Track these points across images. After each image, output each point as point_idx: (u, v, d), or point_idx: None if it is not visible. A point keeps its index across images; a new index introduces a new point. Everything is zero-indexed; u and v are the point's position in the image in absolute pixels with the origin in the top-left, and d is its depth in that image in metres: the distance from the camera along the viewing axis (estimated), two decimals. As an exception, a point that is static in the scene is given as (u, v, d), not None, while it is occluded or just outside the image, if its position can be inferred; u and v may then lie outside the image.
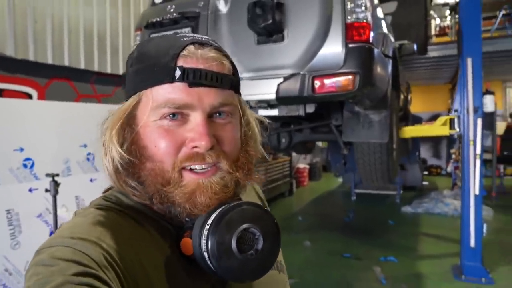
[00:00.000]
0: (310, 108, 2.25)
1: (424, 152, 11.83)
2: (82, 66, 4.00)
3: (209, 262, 0.53)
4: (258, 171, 0.66)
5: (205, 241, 0.53)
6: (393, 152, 2.67)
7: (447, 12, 9.73)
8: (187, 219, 0.59)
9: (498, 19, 7.48)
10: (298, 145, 5.34)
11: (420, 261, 4.47)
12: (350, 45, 1.99)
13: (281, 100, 2.15)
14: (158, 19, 2.50)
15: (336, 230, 5.99)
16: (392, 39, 2.75)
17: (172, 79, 0.55)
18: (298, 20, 2.11)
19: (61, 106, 3.61)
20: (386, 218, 6.45)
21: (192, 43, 0.58)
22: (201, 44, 0.59)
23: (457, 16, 7.38)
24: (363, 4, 2.02)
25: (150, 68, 0.57)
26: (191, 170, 0.57)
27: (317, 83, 1.99)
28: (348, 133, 2.46)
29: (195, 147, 0.56)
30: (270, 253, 0.56)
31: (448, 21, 9.63)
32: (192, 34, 0.60)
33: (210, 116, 0.58)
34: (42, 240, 0.54)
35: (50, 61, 3.69)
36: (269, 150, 7.93)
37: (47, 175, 2.72)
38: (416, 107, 10.97)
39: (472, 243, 3.81)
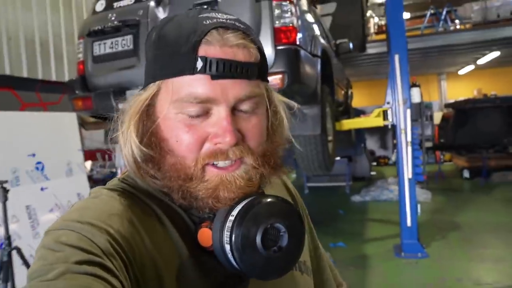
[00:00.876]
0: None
1: (372, 144, 12.50)
2: (25, 74, 3.95)
3: (230, 255, 0.51)
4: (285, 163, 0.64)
5: (228, 233, 0.51)
6: (328, 144, 2.94)
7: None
8: (207, 211, 0.57)
9: (427, 18, 8.12)
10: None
11: (366, 244, 4.84)
12: (278, 47, 2.20)
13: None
14: (99, 27, 2.59)
15: (290, 222, 6.27)
16: (322, 40, 3.01)
17: (193, 71, 0.52)
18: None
19: (5, 115, 3.57)
20: (336, 208, 6.82)
21: (216, 27, 0.53)
22: (226, 28, 0.54)
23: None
24: (289, 10, 2.25)
25: (169, 56, 0.54)
26: (214, 165, 0.55)
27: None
28: (285, 127, 2.68)
29: (218, 143, 0.53)
30: (294, 251, 0.54)
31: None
32: (216, 15, 0.55)
33: (234, 109, 0.55)
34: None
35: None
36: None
37: (-5, 182, 2.72)
38: (361, 101, 11.59)
39: (409, 222, 4.20)
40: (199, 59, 0.51)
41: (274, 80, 2.13)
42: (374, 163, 11.70)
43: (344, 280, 0.91)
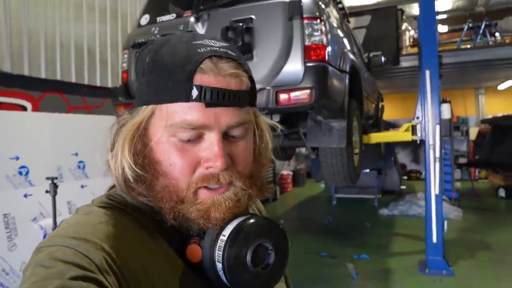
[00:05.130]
0: (276, 118, 2.59)
1: (404, 157, 12.28)
2: (73, 79, 4.28)
3: (221, 273, 0.53)
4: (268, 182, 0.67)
5: (220, 252, 0.53)
6: (353, 156, 3.02)
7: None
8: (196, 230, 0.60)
9: (464, 32, 7.99)
10: (278, 151, 5.68)
11: (390, 258, 4.82)
12: (308, 64, 2.34)
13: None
14: (143, 40, 2.81)
15: (315, 232, 6.32)
16: (351, 55, 3.11)
17: (188, 98, 0.54)
18: (265, 42, 2.45)
19: (54, 117, 3.89)
20: (363, 220, 6.80)
21: (210, 56, 0.55)
22: (219, 57, 0.56)
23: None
24: (319, 29, 2.38)
25: (164, 82, 0.55)
26: (205, 187, 0.57)
27: (281, 97, 2.33)
28: (312, 139, 2.81)
29: (210, 167, 0.56)
30: (279, 267, 0.57)
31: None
32: (209, 42, 0.57)
33: (225, 134, 0.57)
34: (36, 242, 0.55)
35: (43, 75, 3.97)
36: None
37: (47, 178, 3.02)
38: (394, 114, 11.45)
39: (434, 238, 4.18)
40: (194, 88, 0.53)
41: (302, 95, 2.26)
42: (405, 177, 11.50)
43: None
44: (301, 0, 2.39)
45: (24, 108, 3.85)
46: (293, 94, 2.29)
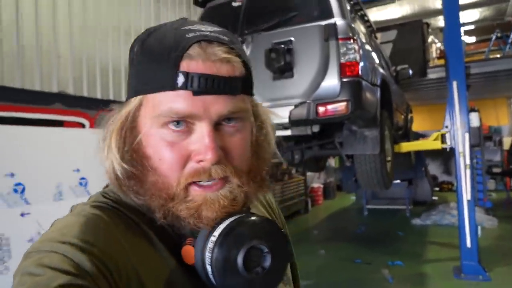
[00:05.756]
0: (316, 128, 2.87)
1: (435, 169, 12.20)
2: (123, 98, 4.74)
3: (211, 276, 0.50)
4: (271, 180, 0.63)
5: (209, 254, 0.50)
6: (386, 163, 3.25)
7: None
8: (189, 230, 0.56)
9: (492, 42, 8.06)
10: (310, 164, 5.94)
11: (425, 264, 4.93)
12: (344, 79, 2.63)
13: (293, 122, 2.78)
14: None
15: (348, 241, 6.47)
16: (381, 70, 3.37)
17: (174, 86, 0.51)
18: (304, 61, 2.76)
19: (50, 131, 4.17)
20: (395, 229, 6.89)
21: (198, 41, 0.52)
22: (209, 41, 0.52)
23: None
24: (353, 48, 2.67)
25: (151, 70, 0.52)
26: (197, 184, 0.54)
27: (320, 109, 2.62)
28: (348, 147, 3.08)
29: (201, 161, 0.52)
30: (277, 270, 0.53)
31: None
32: (200, 27, 0.54)
33: (218, 124, 0.53)
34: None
35: (99, 96, 4.43)
36: (285, 170, 8.51)
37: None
38: (423, 125, 11.47)
39: (468, 243, 4.28)
40: (180, 75, 0.50)
41: (340, 107, 2.54)
42: (437, 189, 11.41)
43: None
44: (335, 23, 2.70)
45: (83, 126, 4.31)
46: (331, 107, 2.58)
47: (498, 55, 8.89)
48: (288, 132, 2.90)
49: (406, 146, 4.46)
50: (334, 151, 3.46)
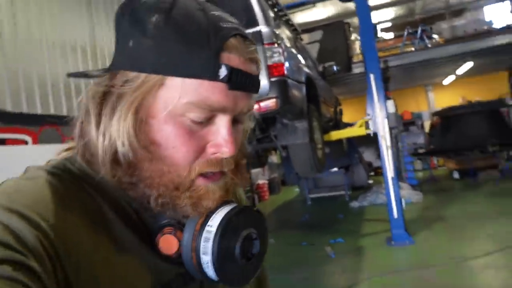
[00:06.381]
0: (251, 125, 3.22)
1: (369, 155, 13.21)
2: (65, 112, 4.79)
3: (207, 265, 0.50)
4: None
5: (207, 244, 0.50)
6: (317, 150, 3.71)
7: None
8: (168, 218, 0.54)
9: (404, 37, 9.04)
10: (253, 160, 6.32)
11: (362, 239, 5.53)
12: (272, 79, 3.02)
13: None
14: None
15: (294, 228, 6.96)
16: (305, 68, 3.83)
17: (215, 77, 0.48)
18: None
19: (51, 148, 4.35)
20: (336, 213, 7.50)
21: (235, 34, 0.50)
22: (243, 37, 0.52)
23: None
24: (278, 51, 3.07)
25: (185, 52, 0.47)
26: (203, 174, 0.52)
27: (254, 106, 2.99)
28: (281, 139, 3.49)
29: (217, 152, 0.51)
30: (262, 256, 0.56)
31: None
32: (226, 16, 0.52)
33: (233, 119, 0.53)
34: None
35: (39, 111, 4.47)
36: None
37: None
38: (354, 117, 12.38)
39: (395, 214, 4.91)
40: (223, 67, 0.48)
41: (270, 103, 2.93)
42: (372, 173, 12.39)
43: (344, 269, 1.27)
44: (260, 30, 3.09)
45: (25, 142, 4.32)
46: (263, 103, 2.96)
47: (412, 49, 9.95)
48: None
49: (336, 135, 5.00)
50: (270, 144, 3.86)
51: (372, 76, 4.92)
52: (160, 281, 0.54)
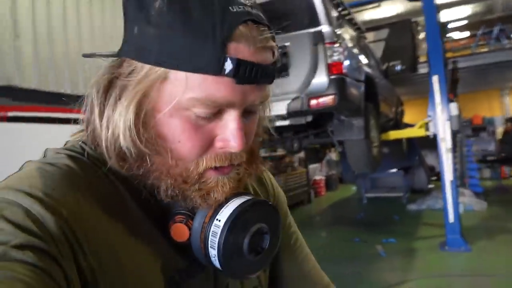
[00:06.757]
0: (309, 118, 3.43)
1: (433, 160, 12.66)
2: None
3: (214, 259, 0.50)
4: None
5: (214, 239, 0.49)
6: (372, 148, 3.81)
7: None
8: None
9: (478, 37, 8.57)
10: (311, 156, 6.49)
11: (415, 241, 5.47)
12: (331, 77, 3.19)
13: (290, 114, 3.34)
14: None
15: (348, 225, 7.02)
16: (366, 68, 3.93)
17: (220, 72, 0.44)
18: (297, 63, 3.32)
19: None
20: (392, 214, 7.42)
21: (246, 21, 0.45)
22: (255, 22, 0.46)
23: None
24: (338, 50, 3.22)
25: (188, 43, 0.44)
26: (212, 167, 0.51)
27: (312, 102, 3.18)
28: (338, 134, 3.64)
29: (225, 147, 0.49)
30: (272, 250, 0.54)
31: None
32: None
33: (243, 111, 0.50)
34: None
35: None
36: (288, 163, 9.04)
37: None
38: (417, 118, 11.95)
39: (451, 218, 4.82)
40: (228, 60, 0.44)
41: (328, 99, 3.11)
42: (434, 178, 11.91)
43: (393, 267, 1.24)
44: (322, 30, 3.26)
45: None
46: (321, 99, 3.15)
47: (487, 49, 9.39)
48: (286, 122, 3.45)
49: (394, 134, 5.01)
50: (327, 139, 4.02)
51: (435, 78, 4.85)
52: (172, 267, 0.54)
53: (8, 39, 3.92)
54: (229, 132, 0.49)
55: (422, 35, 9.77)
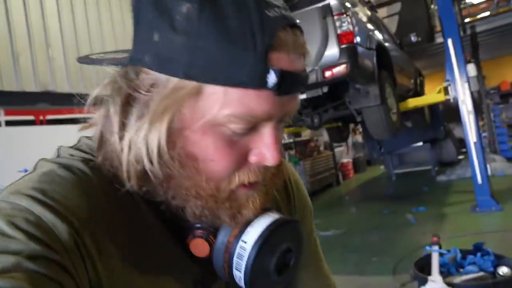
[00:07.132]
0: (325, 89, 3.57)
1: (461, 132, 12.43)
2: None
3: (238, 279, 0.49)
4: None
5: (240, 261, 0.48)
6: (390, 114, 3.90)
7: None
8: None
9: None
10: (335, 135, 6.59)
11: (445, 207, 5.49)
12: (342, 47, 3.31)
13: (306, 87, 3.49)
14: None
15: (378, 200, 7.08)
16: (376, 37, 4.02)
17: (263, 85, 0.40)
18: (309, 37, 3.42)
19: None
20: (422, 186, 7.42)
21: (284, 26, 0.41)
22: (292, 27, 0.43)
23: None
24: (346, 21, 3.35)
25: (224, 54, 0.39)
26: (243, 184, 0.47)
27: (326, 73, 3.32)
28: (355, 103, 3.76)
29: (261, 162, 0.46)
30: (296, 266, 0.53)
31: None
32: (274, 0, 0.42)
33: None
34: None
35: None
36: (313, 147, 9.14)
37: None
38: (442, 90, 11.76)
39: (479, 180, 4.83)
40: (272, 72, 0.40)
41: (341, 69, 3.24)
42: (464, 150, 11.70)
43: (424, 231, 1.29)
44: (329, 3, 3.40)
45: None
46: (334, 70, 3.28)
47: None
48: (303, 96, 3.60)
49: (412, 102, 5.05)
50: (345, 111, 4.14)
51: (450, 41, 4.86)
52: (189, 278, 0.52)
53: (42, 49, 4.27)
54: (264, 146, 0.45)
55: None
